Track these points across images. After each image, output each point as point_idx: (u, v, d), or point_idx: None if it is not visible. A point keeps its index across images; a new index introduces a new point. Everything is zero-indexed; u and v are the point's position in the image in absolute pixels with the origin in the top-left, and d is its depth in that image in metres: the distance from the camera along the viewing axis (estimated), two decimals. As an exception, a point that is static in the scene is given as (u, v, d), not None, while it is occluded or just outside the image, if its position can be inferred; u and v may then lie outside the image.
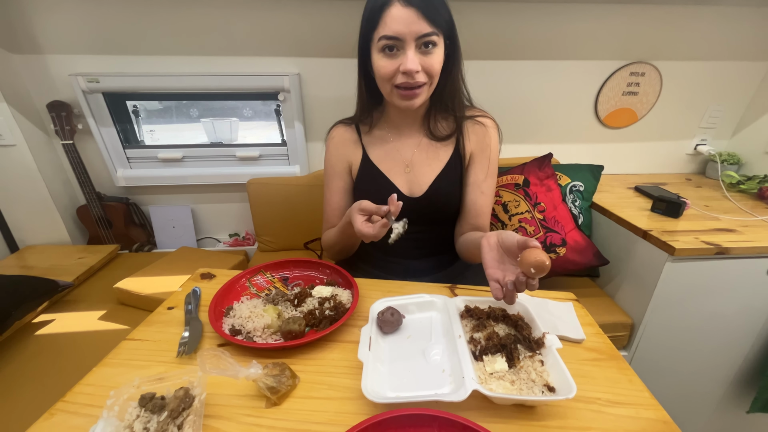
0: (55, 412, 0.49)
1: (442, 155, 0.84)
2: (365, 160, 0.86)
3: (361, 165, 0.86)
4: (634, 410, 0.51)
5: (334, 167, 0.89)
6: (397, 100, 0.74)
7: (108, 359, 0.58)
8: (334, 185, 0.90)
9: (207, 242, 1.62)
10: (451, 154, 0.84)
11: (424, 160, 0.84)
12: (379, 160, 0.85)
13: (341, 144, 0.88)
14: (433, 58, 0.69)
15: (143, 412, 0.46)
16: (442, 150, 0.84)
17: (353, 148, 0.87)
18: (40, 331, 1.01)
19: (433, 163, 0.84)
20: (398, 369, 0.56)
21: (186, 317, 0.67)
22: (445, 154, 0.84)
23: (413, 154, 0.84)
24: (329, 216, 0.92)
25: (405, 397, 0.49)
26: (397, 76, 0.70)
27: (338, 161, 0.89)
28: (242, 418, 0.48)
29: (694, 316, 1.04)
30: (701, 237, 0.99)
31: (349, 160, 0.88)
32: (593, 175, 1.25)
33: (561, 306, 0.73)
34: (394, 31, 0.66)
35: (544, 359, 0.56)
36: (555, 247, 1.10)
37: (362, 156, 0.86)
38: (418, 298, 0.68)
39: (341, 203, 0.90)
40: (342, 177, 0.89)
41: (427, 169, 0.84)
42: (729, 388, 1.14)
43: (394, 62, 0.69)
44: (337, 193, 0.91)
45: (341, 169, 0.89)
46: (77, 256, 1.34)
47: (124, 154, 1.41)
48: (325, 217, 0.93)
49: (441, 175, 0.83)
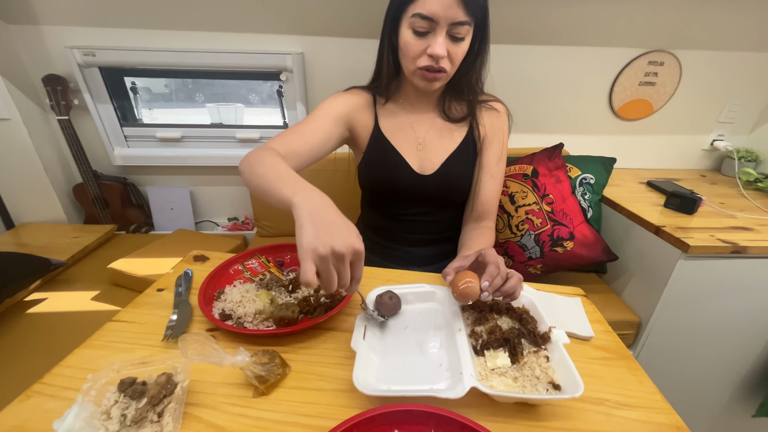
0: (31, 394, 0.46)
1: (456, 136, 0.82)
2: (376, 132, 0.82)
3: (371, 135, 0.82)
4: (645, 414, 0.48)
5: (337, 110, 0.79)
6: (416, 80, 0.72)
7: (91, 341, 0.55)
8: (322, 122, 0.76)
9: (205, 225, 1.59)
10: (465, 136, 0.82)
11: (438, 139, 0.81)
12: (390, 134, 0.82)
13: (356, 103, 0.82)
14: (459, 48, 0.68)
15: (122, 397, 0.43)
16: (456, 131, 0.82)
17: (366, 114, 0.82)
18: (32, 310, 0.99)
19: (447, 142, 0.81)
20: (393, 361, 0.53)
21: (175, 300, 0.65)
22: (459, 135, 0.82)
23: (427, 132, 0.82)
24: (290, 140, 0.71)
25: (398, 391, 0.46)
26: (422, 57, 0.68)
27: (345, 111, 0.80)
28: (227, 407, 0.45)
29: (704, 316, 1.00)
30: (717, 234, 0.94)
31: (357, 121, 0.82)
32: (605, 168, 1.20)
33: (568, 301, 0.70)
34: (429, 12, 0.63)
35: (550, 355, 0.53)
36: (562, 240, 1.06)
37: (373, 126, 0.82)
38: (418, 288, 0.65)
39: (314, 140, 0.74)
40: (337, 124, 0.78)
41: (440, 148, 0.81)
42: (736, 392, 1.11)
43: (422, 42, 0.67)
44: (319, 131, 0.75)
45: (342, 118, 0.79)
46: (73, 235, 1.31)
47: (122, 132, 1.38)
48: (283, 136, 0.72)
49: (454, 155, 0.81)
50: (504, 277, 0.57)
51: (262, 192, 0.57)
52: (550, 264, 1.08)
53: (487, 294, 0.56)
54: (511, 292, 0.57)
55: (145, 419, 0.41)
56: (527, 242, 1.09)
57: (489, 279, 0.57)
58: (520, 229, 1.11)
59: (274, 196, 0.52)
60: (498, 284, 0.57)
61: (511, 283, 0.57)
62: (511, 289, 0.57)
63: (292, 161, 0.69)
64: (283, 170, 0.57)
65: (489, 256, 0.60)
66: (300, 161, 0.72)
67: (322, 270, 0.42)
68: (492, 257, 0.60)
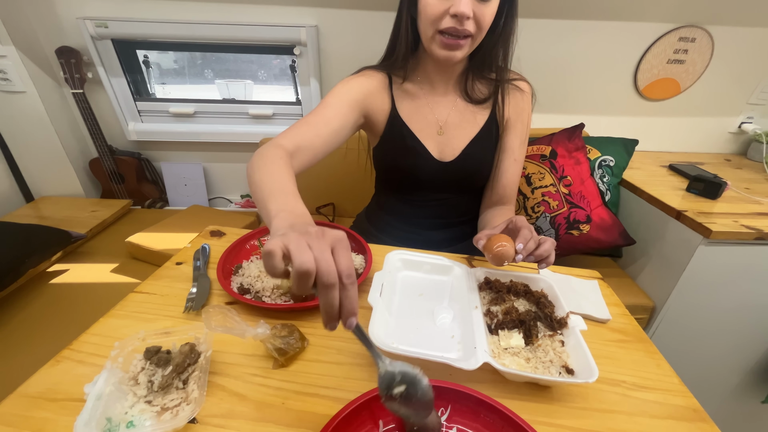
0: (60, 359, 0.48)
1: (479, 119, 0.77)
2: (394, 116, 0.77)
3: (388, 120, 0.78)
4: (661, 396, 0.48)
5: (350, 95, 0.73)
6: (437, 49, 0.65)
7: (115, 311, 0.56)
8: (335, 111, 0.71)
9: (219, 202, 1.60)
10: (488, 119, 0.77)
11: (459, 123, 0.77)
12: (408, 118, 0.77)
13: (371, 86, 0.76)
14: (487, 8, 0.61)
15: (148, 364, 0.44)
16: (478, 113, 0.77)
17: (381, 97, 0.77)
18: (55, 280, 1.02)
19: (468, 126, 0.77)
20: (406, 324, 0.54)
21: (194, 273, 0.66)
22: (482, 117, 0.77)
23: (448, 115, 0.77)
24: (302, 132, 0.66)
25: (412, 352, 0.46)
26: (444, 18, 0.61)
27: (359, 97, 0.74)
28: (249, 377, 0.46)
29: (720, 303, 0.99)
30: (741, 220, 0.92)
31: (372, 105, 0.76)
32: (626, 150, 1.16)
33: (586, 284, 0.69)
34: None
35: (566, 340, 0.53)
36: (579, 223, 1.05)
37: (390, 110, 0.77)
38: (436, 260, 0.65)
39: (327, 132, 0.69)
40: (352, 111, 0.73)
41: (462, 132, 0.77)
42: (746, 378, 1.11)
43: (444, 2, 0.61)
44: (332, 121, 0.70)
45: (357, 104, 0.74)
46: (90, 209, 1.34)
47: (135, 106, 1.37)
48: (295, 128, 0.67)
49: (476, 140, 0.77)
50: (537, 242, 0.57)
51: (255, 201, 0.52)
52: (565, 247, 1.07)
53: (521, 257, 0.56)
54: (546, 256, 0.57)
55: (171, 386, 0.42)
56: (542, 224, 1.08)
57: (523, 242, 0.56)
58: (535, 211, 1.09)
59: (262, 210, 0.47)
60: (531, 248, 0.56)
61: (546, 247, 0.57)
62: (546, 252, 0.57)
63: (305, 155, 0.66)
64: (278, 183, 0.51)
65: (521, 221, 0.59)
66: (313, 154, 0.68)
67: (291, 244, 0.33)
68: (524, 222, 0.59)
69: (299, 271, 0.31)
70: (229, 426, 0.41)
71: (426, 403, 0.37)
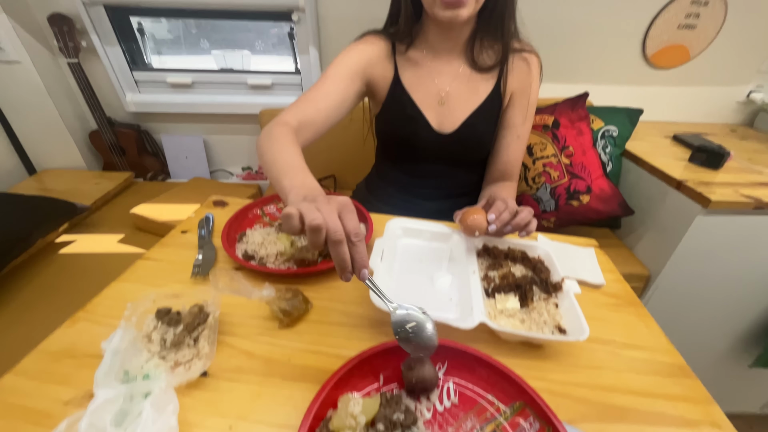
0: (76, 320, 0.50)
1: (482, 90, 0.75)
2: (396, 84, 0.76)
3: (390, 88, 0.76)
4: (649, 354, 0.50)
5: (351, 66, 0.72)
6: (439, 11, 0.63)
7: (124, 276, 0.59)
8: (335, 83, 0.70)
9: (220, 175, 1.60)
10: (491, 90, 0.75)
11: (461, 93, 0.75)
12: (411, 86, 0.76)
13: (373, 54, 0.74)
14: None
15: (160, 324, 0.46)
16: (482, 84, 0.75)
17: (384, 64, 0.75)
18: (63, 251, 1.05)
19: (471, 97, 0.75)
20: (406, 287, 0.56)
21: (199, 241, 0.67)
22: (485, 89, 0.75)
23: (450, 84, 0.75)
24: (303, 109, 0.67)
25: None
26: None
27: (361, 66, 0.73)
28: (256, 337, 0.49)
29: (715, 272, 1.01)
30: (741, 190, 0.92)
31: (375, 74, 0.75)
32: (630, 120, 1.15)
33: (582, 251, 0.71)
34: None
35: (560, 303, 0.54)
36: (578, 194, 1.05)
37: (393, 77, 0.76)
38: (436, 228, 0.66)
39: (328, 106, 0.69)
40: (353, 81, 0.72)
41: (463, 103, 0.75)
42: (735, 343, 1.15)
43: None
44: (332, 93, 0.70)
45: (359, 74, 0.73)
46: (93, 181, 1.35)
47: (132, 77, 1.35)
48: (297, 105, 0.68)
49: (477, 112, 0.75)
50: (513, 212, 0.58)
51: (269, 178, 0.55)
52: (564, 218, 1.08)
53: (494, 227, 0.57)
54: (524, 224, 0.58)
55: (182, 343, 0.45)
56: (543, 195, 1.08)
57: (496, 212, 0.58)
58: (536, 181, 1.10)
59: (276, 186, 0.50)
60: (506, 218, 0.58)
61: (522, 215, 0.58)
62: (523, 220, 0.57)
63: (308, 131, 0.67)
64: (288, 159, 0.54)
65: (497, 195, 0.61)
66: (315, 130, 0.69)
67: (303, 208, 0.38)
68: (499, 195, 0.61)
69: (310, 226, 0.36)
70: (238, 379, 0.43)
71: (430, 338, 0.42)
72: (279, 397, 0.42)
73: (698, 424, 0.42)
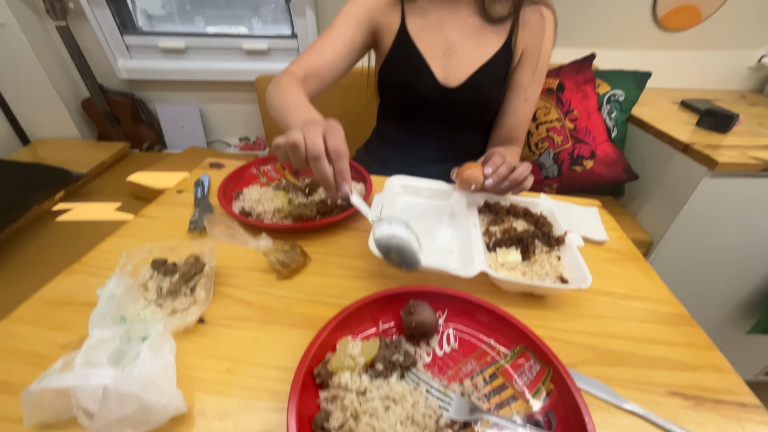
0: (72, 272, 0.49)
1: (491, 44, 0.72)
2: (402, 32, 0.73)
3: (396, 36, 0.73)
4: (651, 304, 0.50)
5: (357, 14, 0.72)
6: None
7: (120, 232, 0.58)
8: (340, 32, 0.70)
9: (217, 145, 1.58)
10: (502, 45, 0.72)
11: (470, 46, 0.72)
12: (417, 35, 0.73)
13: (380, 1, 0.73)
14: None
15: (156, 274, 0.46)
16: (492, 37, 0.72)
17: (391, 12, 0.73)
18: (60, 218, 1.04)
19: (479, 50, 0.72)
20: None
21: (195, 200, 0.66)
22: (495, 43, 0.72)
23: (458, 35, 0.72)
24: (309, 59, 0.68)
25: None
26: None
27: (367, 15, 0.72)
28: (253, 287, 0.48)
29: (718, 237, 1.00)
30: (749, 152, 0.90)
31: (381, 22, 0.73)
32: (637, 84, 1.11)
33: (585, 210, 0.70)
34: None
35: (562, 255, 0.54)
36: (582, 159, 1.03)
37: (399, 25, 0.73)
38: (436, 185, 0.65)
39: (334, 56, 0.69)
40: (359, 30, 0.72)
41: (471, 56, 0.72)
42: (734, 309, 1.15)
43: None
44: (340, 38, 0.70)
45: (364, 23, 0.72)
46: (88, 151, 1.33)
47: (123, 41, 1.31)
48: (303, 55, 0.69)
49: (485, 67, 0.72)
50: (510, 167, 0.57)
51: (277, 121, 0.59)
52: (567, 183, 1.06)
53: (490, 181, 0.56)
54: (521, 180, 0.57)
55: (179, 292, 0.44)
56: (545, 161, 1.07)
57: (492, 166, 0.57)
58: (539, 147, 1.07)
59: (283, 126, 0.53)
60: (504, 172, 0.56)
61: (520, 170, 0.56)
62: (520, 176, 0.56)
63: (313, 82, 0.68)
64: (293, 100, 0.56)
65: (495, 151, 0.60)
66: (322, 80, 0.69)
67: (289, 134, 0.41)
68: (497, 151, 0.60)
69: (288, 143, 0.40)
70: (236, 326, 0.43)
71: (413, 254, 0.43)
72: (277, 342, 0.41)
73: (700, 368, 0.41)
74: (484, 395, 0.37)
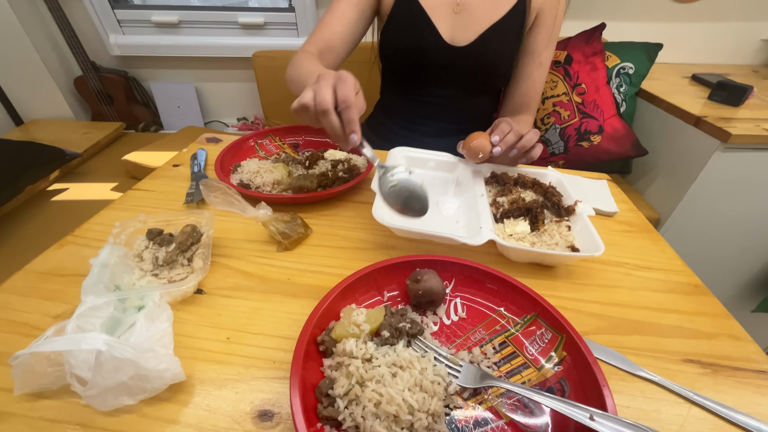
0: (64, 243, 0.48)
1: (503, 2, 0.68)
2: None
3: None
4: (664, 275, 0.48)
5: None
6: None
7: (115, 204, 0.56)
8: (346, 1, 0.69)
9: (214, 126, 1.54)
10: (515, 5, 0.68)
11: (481, 3, 0.68)
12: None
13: None
14: None
15: (151, 244, 0.44)
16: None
17: None
18: (55, 198, 1.02)
19: (491, 8, 0.68)
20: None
21: (192, 175, 0.64)
22: (507, 2, 0.68)
23: None
24: (324, 27, 0.68)
25: (417, 229, 0.46)
26: None
27: None
28: (253, 258, 0.47)
29: (727, 212, 0.98)
30: (763, 125, 0.87)
31: None
32: (647, 56, 1.07)
33: (594, 182, 0.68)
34: None
35: (572, 225, 0.52)
36: (589, 134, 1.00)
37: None
38: (441, 157, 0.63)
39: (347, 17, 0.69)
40: None
41: (482, 14, 0.68)
42: (740, 287, 1.14)
43: None
44: (348, 3, 0.68)
45: None
46: (83, 131, 1.29)
47: (114, 15, 1.26)
48: (314, 32, 0.69)
49: (496, 27, 0.68)
50: (518, 134, 0.55)
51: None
52: (573, 160, 1.03)
53: (498, 149, 0.54)
54: (529, 147, 0.55)
55: (176, 262, 0.42)
56: (551, 137, 1.04)
57: (500, 134, 0.55)
58: (545, 122, 1.04)
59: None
60: (512, 140, 0.54)
61: (528, 137, 0.54)
62: (528, 142, 0.54)
63: (330, 56, 0.69)
64: (310, 69, 0.58)
65: (501, 120, 0.58)
66: (336, 53, 0.70)
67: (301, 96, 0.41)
68: (504, 119, 0.57)
69: (300, 105, 0.41)
70: (236, 296, 0.41)
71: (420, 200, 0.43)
72: (278, 312, 0.40)
73: (716, 336, 0.40)
74: (494, 363, 0.36)
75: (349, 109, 0.40)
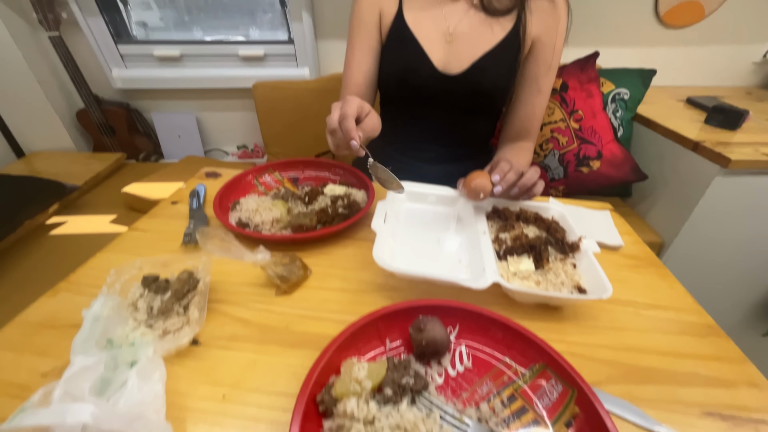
0: (58, 291, 0.47)
1: (497, 31, 0.68)
2: (398, 19, 0.70)
3: (393, 23, 0.71)
4: (674, 314, 0.47)
5: (363, 19, 0.72)
6: None
7: (110, 247, 0.55)
8: (359, 42, 0.73)
9: (215, 154, 1.55)
10: (508, 33, 0.68)
11: (473, 32, 0.68)
12: (414, 23, 0.70)
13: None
14: None
15: (146, 292, 0.43)
16: (497, 25, 0.68)
17: (390, 2, 0.71)
18: (54, 232, 1.01)
19: (484, 37, 0.68)
20: (411, 250, 0.53)
21: (191, 211, 0.63)
22: (501, 30, 0.68)
23: (460, 21, 0.69)
24: (348, 81, 0.75)
25: (420, 274, 0.45)
26: None
27: (369, 10, 0.72)
28: (251, 304, 0.45)
29: (731, 237, 0.97)
30: (762, 149, 0.87)
31: (382, 10, 0.72)
32: (642, 82, 1.09)
33: (597, 213, 0.67)
34: None
35: (577, 263, 0.51)
36: (588, 160, 1.00)
37: (396, 13, 0.71)
38: (440, 191, 0.62)
39: (365, 66, 0.74)
40: (371, 33, 0.73)
41: (475, 42, 0.68)
42: (749, 312, 1.12)
43: None
44: (361, 52, 0.73)
45: (371, 22, 0.72)
46: (83, 162, 1.30)
47: (117, 50, 1.29)
48: (343, 83, 0.76)
49: (489, 55, 0.68)
50: (518, 173, 0.55)
51: None
52: (573, 185, 1.03)
53: (499, 188, 0.54)
54: (530, 185, 0.54)
55: (171, 311, 0.41)
56: (550, 162, 1.04)
57: (500, 173, 0.54)
58: (543, 148, 1.05)
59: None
60: (512, 179, 0.54)
61: (528, 175, 0.54)
62: (529, 181, 0.54)
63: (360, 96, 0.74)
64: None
65: (501, 157, 0.58)
66: (366, 91, 0.76)
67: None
68: (503, 157, 0.58)
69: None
70: (232, 347, 0.40)
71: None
72: (276, 364, 0.38)
73: (734, 384, 0.38)
74: (503, 420, 0.34)
75: (344, 120, 0.47)
